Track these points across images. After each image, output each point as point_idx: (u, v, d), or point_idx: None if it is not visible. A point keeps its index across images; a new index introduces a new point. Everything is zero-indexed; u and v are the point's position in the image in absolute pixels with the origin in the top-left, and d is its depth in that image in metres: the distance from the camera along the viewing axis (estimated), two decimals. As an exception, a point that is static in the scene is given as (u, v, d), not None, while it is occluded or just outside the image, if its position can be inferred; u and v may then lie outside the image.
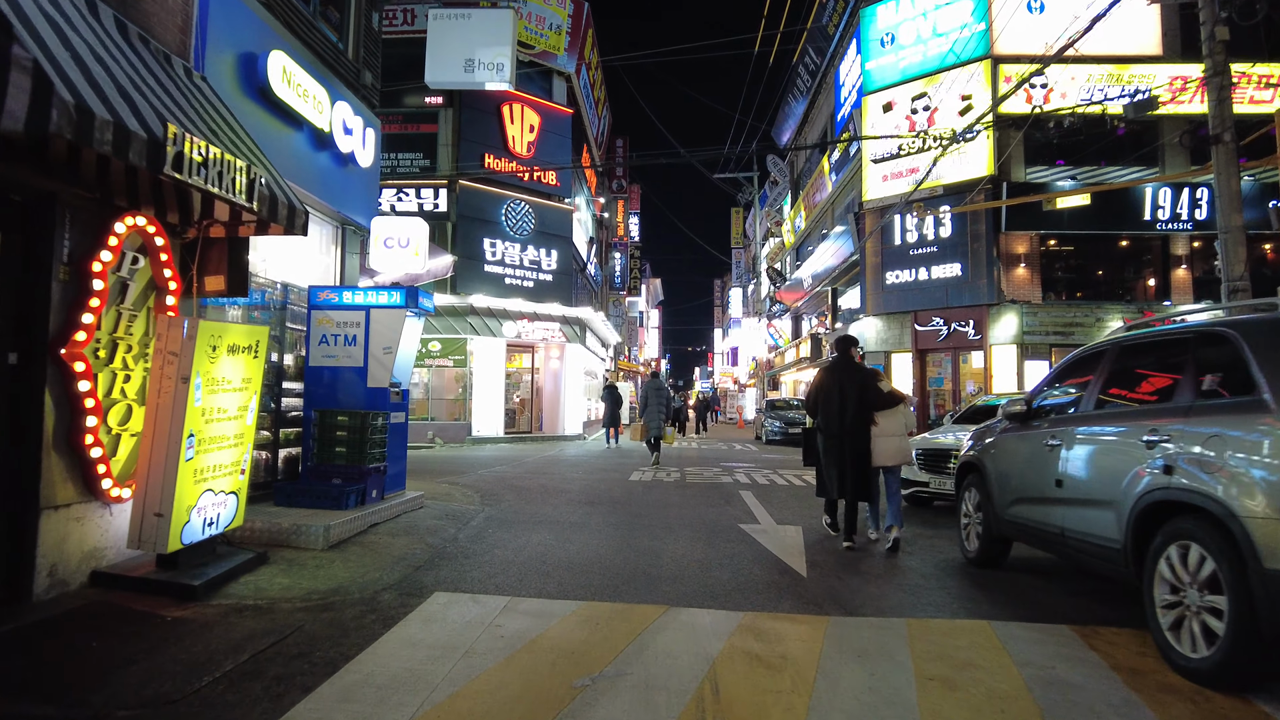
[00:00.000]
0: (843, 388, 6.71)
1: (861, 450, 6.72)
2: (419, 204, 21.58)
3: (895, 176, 22.10)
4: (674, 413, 22.41)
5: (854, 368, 6.92)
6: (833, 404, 6.75)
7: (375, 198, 8.75)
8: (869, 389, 6.77)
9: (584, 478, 12.28)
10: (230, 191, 4.40)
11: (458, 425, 20.95)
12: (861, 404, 6.70)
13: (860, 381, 6.78)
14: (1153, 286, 20.53)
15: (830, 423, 6.79)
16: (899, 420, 7.00)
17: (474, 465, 14.40)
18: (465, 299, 21.01)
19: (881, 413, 6.87)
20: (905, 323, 22.00)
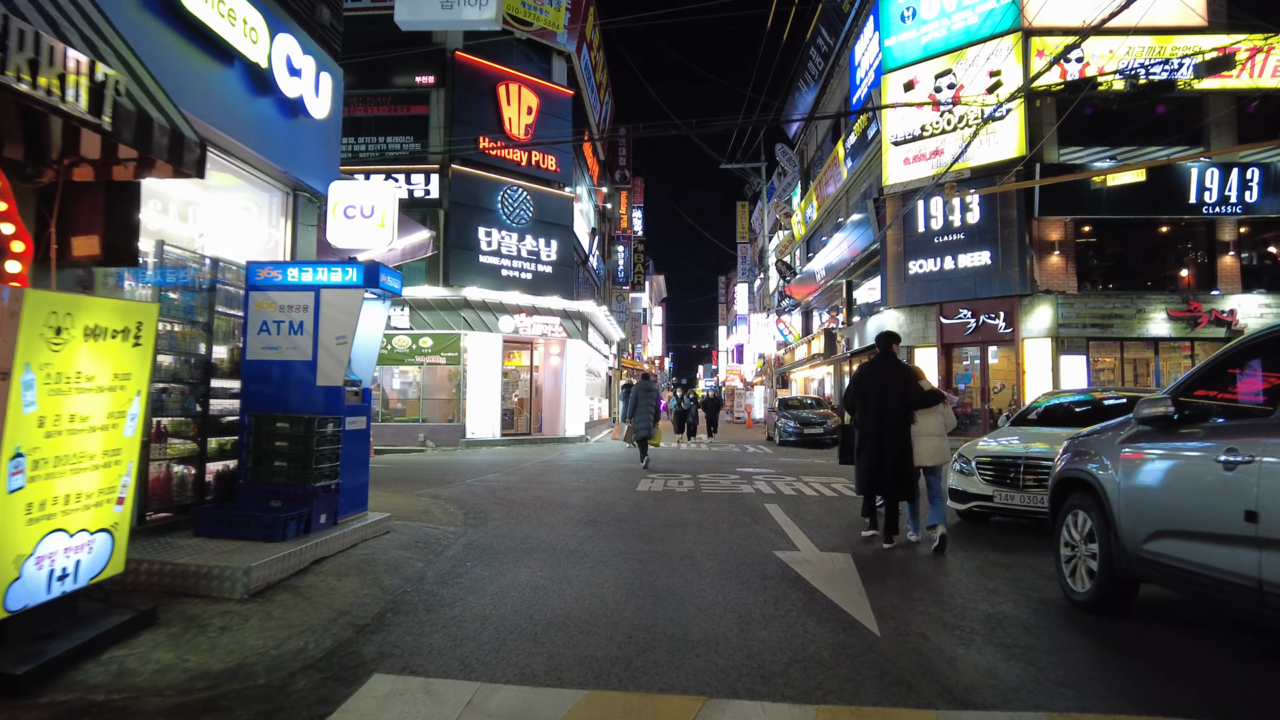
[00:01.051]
0: (883, 385, 6.61)
1: (902, 449, 6.58)
2: (409, 190, 20.22)
3: (918, 159, 20.69)
4: (682, 414, 21.44)
5: (895, 365, 6.79)
6: (872, 401, 6.65)
7: (334, 158, 7.35)
8: (910, 387, 6.62)
9: (585, 487, 10.88)
10: (66, 97, 3.00)
11: (451, 427, 19.56)
12: (902, 402, 6.57)
13: (901, 379, 6.65)
14: (1194, 275, 19.08)
15: (869, 420, 6.69)
16: (938, 420, 6.77)
17: (464, 472, 13.01)
18: (458, 292, 19.62)
19: (921, 412, 6.68)
20: (929, 315, 20.57)
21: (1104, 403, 9.10)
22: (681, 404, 22.58)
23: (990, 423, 18.85)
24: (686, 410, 22.43)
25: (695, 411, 23.04)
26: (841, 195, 27.41)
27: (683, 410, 22.24)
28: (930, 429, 6.73)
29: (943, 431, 6.81)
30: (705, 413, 24.51)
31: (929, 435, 6.72)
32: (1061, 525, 5.28)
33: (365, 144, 20.69)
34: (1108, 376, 19.00)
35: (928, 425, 6.73)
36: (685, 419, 22.34)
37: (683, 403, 22.64)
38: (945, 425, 6.85)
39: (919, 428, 6.69)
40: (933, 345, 20.46)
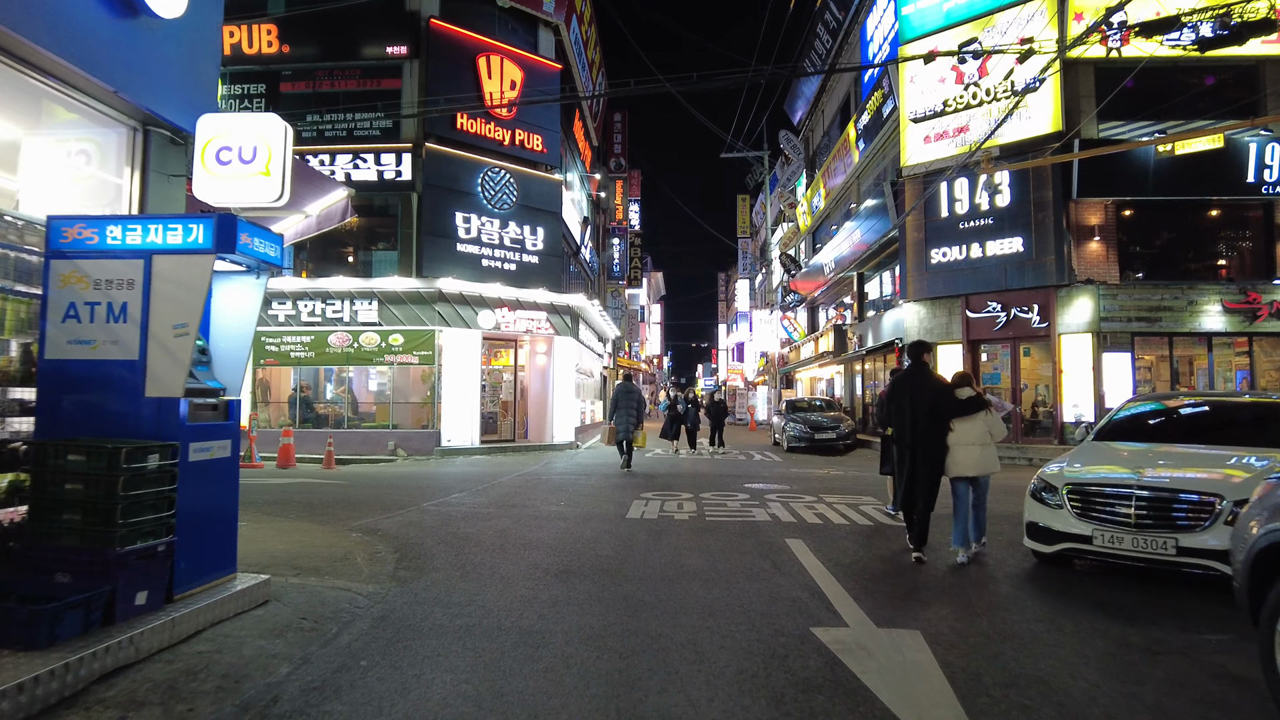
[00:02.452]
0: (914, 396, 6.51)
1: (932, 460, 6.44)
2: (378, 171, 18.32)
3: (940, 138, 18.80)
4: (677, 418, 18.62)
5: (926, 375, 6.68)
6: (904, 413, 6.54)
7: (205, 80, 5.38)
8: (942, 397, 6.51)
9: (565, 513, 8.97)
10: None
11: (425, 434, 17.65)
12: (933, 413, 6.44)
13: (932, 389, 6.53)
14: (1252, 262, 17.18)
15: (902, 433, 6.57)
16: (979, 428, 6.48)
17: (426, 490, 11.10)
18: (432, 283, 17.70)
19: (959, 420, 6.47)
20: (954, 309, 18.67)
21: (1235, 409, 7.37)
22: (675, 406, 19.13)
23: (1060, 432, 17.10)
24: (683, 414, 19.18)
25: (694, 415, 19.80)
26: (852, 181, 25.49)
27: (677, 413, 18.74)
28: (969, 438, 6.44)
29: (986, 440, 6.48)
30: (709, 418, 20.68)
31: (968, 444, 6.43)
32: (1269, 616, 3.39)
33: (332, 122, 18.76)
34: (1163, 375, 17.11)
35: (967, 434, 6.45)
36: (681, 423, 19.04)
37: (677, 404, 19.29)
38: (991, 434, 6.51)
39: (956, 436, 6.46)
40: (957, 342, 18.56)
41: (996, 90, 17.79)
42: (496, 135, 19.42)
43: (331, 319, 17.96)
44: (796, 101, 35.34)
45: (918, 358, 6.80)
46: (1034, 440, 17.34)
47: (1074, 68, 16.97)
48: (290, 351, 18.03)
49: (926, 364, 6.77)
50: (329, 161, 18.38)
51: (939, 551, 6.87)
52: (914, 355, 6.84)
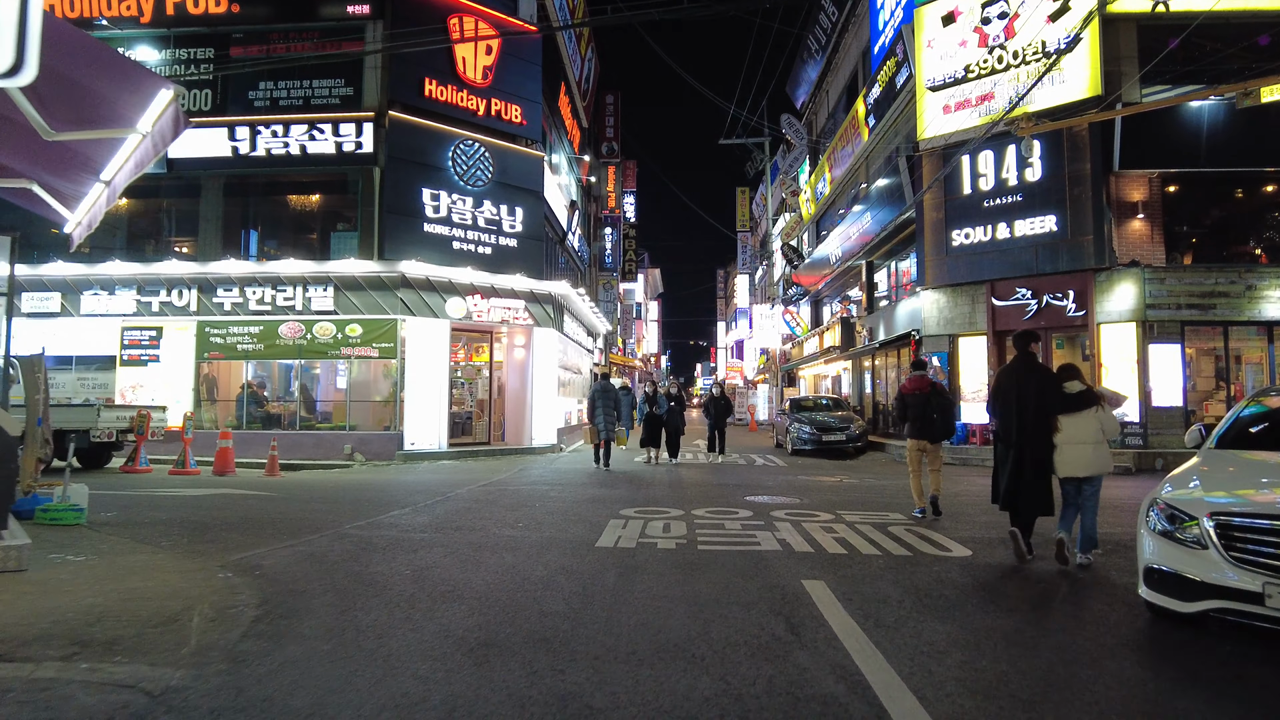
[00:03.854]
0: (1020, 390, 6.13)
1: (1039, 459, 6.05)
2: (337, 143, 16.49)
3: (961, 106, 16.90)
4: (654, 421, 15.27)
5: (1033, 367, 6.27)
6: (1010, 408, 6.18)
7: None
8: (1048, 391, 6.07)
9: (518, 541, 7.08)
10: None
11: (385, 436, 15.76)
12: (1040, 408, 6.03)
13: (1039, 383, 6.12)
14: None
15: (1008, 430, 6.21)
16: (1090, 425, 5.97)
17: (361, 506, 9.19)
18: (394, 266, 15.81)
19: (1067, 417, 6.00)
20: (977, 297, 16.79)
21: None
22: (653, 406, 15.19)
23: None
24: (661, 415, 15.24)
25: (677, 415, 15.41)
26: (860, 163, 23.59)
27: (655, 415, 15.17)
28: (1079, 435, 6.01)
29: (1098, 439, 6.02)
30: (709, 418, 17.43)
31: (1078, 443, 6.00)
32: None
33: (287, 89, 16.88)
34: (1206, 370, 15.24)
35: (1077, 432, 6.01)
36: (659, 425, 15.32)
37: (654, 405, 15.21)
38: (1104, 431, 6.03)
39: (1065, 435, 6.04)
40: (981, 333, 16.68)
41: (1025, 52, 15.91)
42: (470, 104, 17.53)
43: (283, 307, 16.06)
44: (799, 86, 33.44)
45: (1024, 348, 6.37)
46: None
47: (1114, 25, 15.14)
48: (237, 344, 16.13)
49: (1034, 355, 6.33)
50: (282, 132, 16.50)
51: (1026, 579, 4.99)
52: (1020, 345, 6.41)
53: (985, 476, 14.21)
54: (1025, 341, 6.47)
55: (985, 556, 6.48)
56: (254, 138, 16.54)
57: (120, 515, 8.23)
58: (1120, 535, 7.39)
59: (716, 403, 17.54)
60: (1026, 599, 5.12)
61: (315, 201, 17.49)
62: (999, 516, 8.78)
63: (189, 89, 17.01)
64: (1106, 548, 6.70)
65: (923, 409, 8.58)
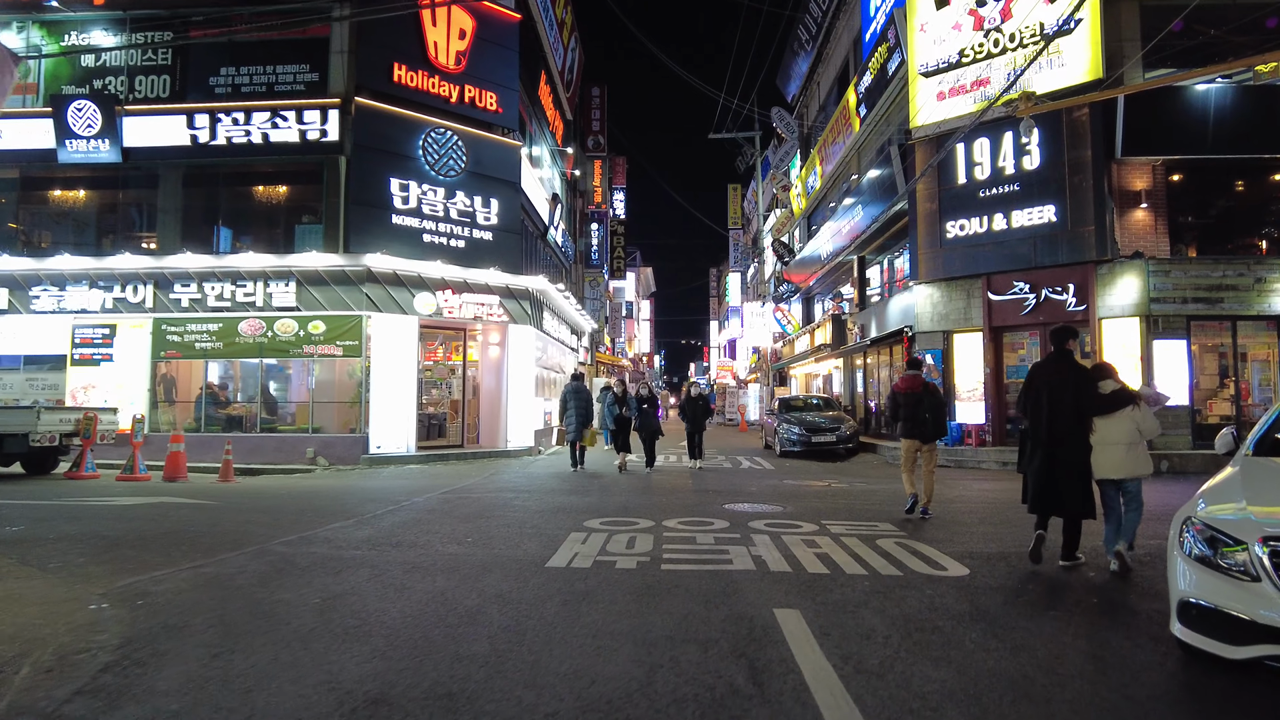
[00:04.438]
0: (1052, 388, 5.84)
1: (1076, 460, 5.75)
2: (301, 131, 15.66)
3: (956, 92, 16.19)
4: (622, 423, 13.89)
5: (1067, 365, 5.92)
6: (1041, 407, 5.86)
7: None
8: (1083, 390, 5.78)
9: (458, 560, 6.30)
10: None
11: (350, 439, 14.95)
12: (1075, 408, 5.73)
13: (1074, 381, 5.80)
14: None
15: (1038, 428, 5.89)
16: (1123, 426, 5.69)
17: (303, 517, 8.39)
18: (358, 260, 15.00)
19: (1102, 418, 5.72)
20: (973, 291, 16.06)
21: None
22: (622, 408, 13.79)
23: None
24: (630, 417, 13.87)
25: (652, 418, 13.87)
26: (852, 155, 22.85)
27: (624, 418, 13.80)
28: (1114, 436, 5.71)
29: (1134, 439, 5.71)
30: (686, 420, 15.38)
31: (1113, 444, 5.71)
32: None
33: (249, 75, 16.06)
34: (1209, 368, 14.52)
35: (1111, 432, 5.72)
36: (628, 427, 13.94)
37: (623, 406, 13.80)
38: (1141, 432, 5.70)
39: (1100, 435, 5.75)
40: (977, 329, 15.94)
41: (1023, 35, 15.19)
42: (442, 90, 16.73)
43: (243, 303, 15.24)
44: (790, 80, 32.75)
45: (1060, 344, 6.04)
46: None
47: (1116, 6, 14.44)
48: (195, 342, 15.31)
49: (1069, 352, 6.00)
50: (243, 120, 15.68)
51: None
52: (1056, 341, 6.08)
53: (982, 480, 13.58)
54: (1062, 337, 6.09)
55: (985, 576, 5.72)
56: (214, 126, 15.70)
57: (26, 530, 7.41)
58: (1138, 548, 6.64)
59: (694, 403, 15.18)
60: (1036, 633, 4.36)
61: (279, 193, 16.67)
62: (999, 528, 8.07)
63: (146, 75, 16.20)
64: (1121, 571, 5.96)
65: (915, 409, 8.38)
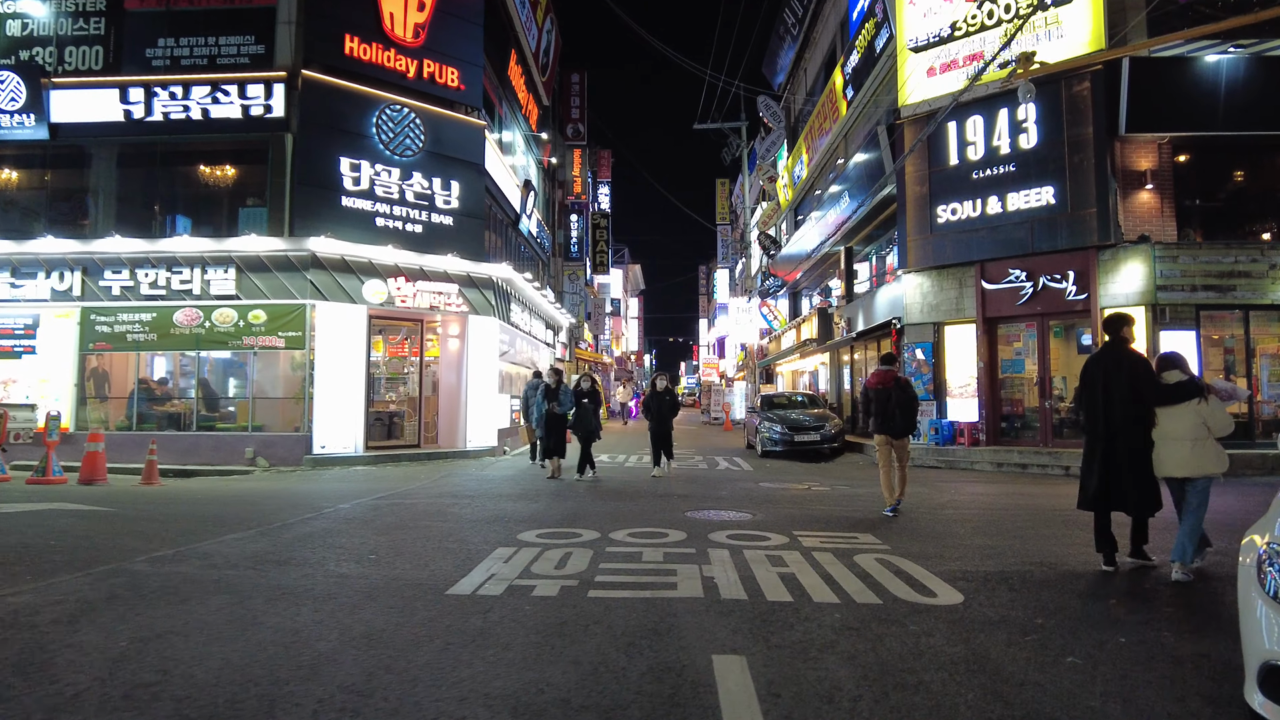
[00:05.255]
0: (1107, 378, 5.56)
1: (1135, 451, 5.40)
2: (244, 106, 14.51)
3: (948, 68, 15.16)
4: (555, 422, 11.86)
5: (1123, 354, 5.65)
6: (1096, 398, 5.61)
7: None
8: (1140, 379, 5.47)
9: (341, 585, 5.20)
10: None
11: (294, 439, 13.81)
12: (1131, 398, 5.45)
13: (1131, 370, 5.51)
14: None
15: (1095, 421, 5.62)
16: (1188, 420, 5.22)
17: (203, 526, 7.24)
18: (301, 244, 13.86)
19: (1163, 410, 5.33)
20: (965, 280, 15.02)
21: None
22: (552, 404, 11.67)
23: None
24: (563, 415, 11.82)
25: (590, 416, 11.75)
26: (839, 141, 21.81)
27: (555, 416, 11.73)
28: (1176, 430, 5.27)
29: (1199, 435, 5.19)
30: (652, 421, 12.26)
31: (1174, 439, 5.27)
32: None
33: (189, 46, 14.88)
34: (1214, 363, 13.52)
35: (1174, 426, 5.28)
36: (561, 427, 11.94)
37: (554, 402, 11.66)
38: (1210, 428, 5.18)
39: (1160, 430, 5.36)
40: (970, 321, 14.90)
41: (1018, 4, 14.16)
42: (398, 65, 15.59)
43: (179, 291, 14.08)
44: (777, 67, 31.70)
45: (1115, 332, 5.78)
46: (1068, 443, 13.71)
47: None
48: (126, 333, 14.13)
49: (1126, 340, 5.75)
50: (181, 94, 14.51)
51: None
52: (1111, 330, 5.83)
53: (975, 483, 12.53)
54: (1117, 326, 5.78)
55: (984, 604, 4.65)
56: (150, 100, 14.53)
57: None
58: (1167, 573, 5.59)
59: (660, 399, 12.30)
60: (1052, 690, 3.28)
61: (222, 174, 15.47)
62: (996, 540, 7.01)
63: (76, 45, 15.01)
64: (1152, 590, 4.91)
65: (885, 404, 8.26)
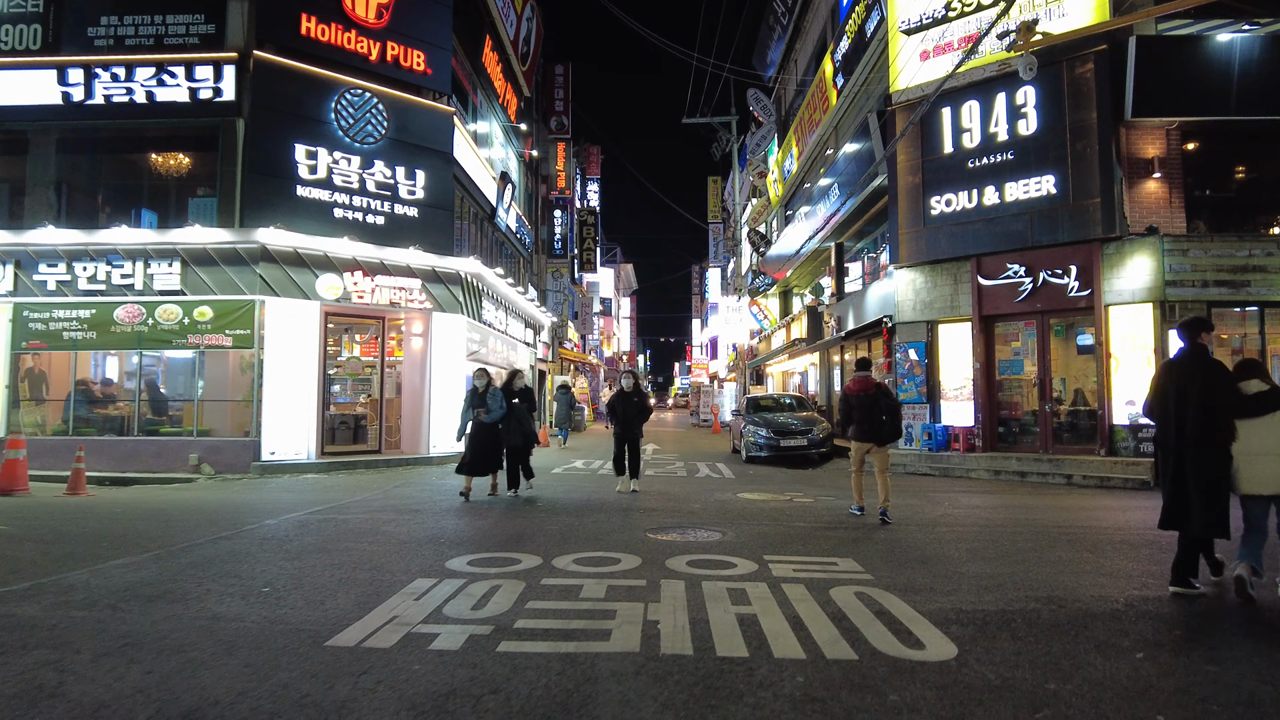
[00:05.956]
0: (1181, 387, 5.06)
1: (1207, 467, 4.89)
2: (191, 89, 13.58)
3: (942, 51, 14.31)
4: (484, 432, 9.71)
5: (1199, 361, 5.14)
6: (1169, 408, 5.13)
7: None
8: (1217, 389, 4.99)
9: (208, 628, 4.29)
10: None
11: (242, 444, 12.88)
12: (1206, 408, 4.92)
13: (1206, 379, 5.01)
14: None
15: (1166, 433, 5.17)
16: (1275, 432, 4.79)
17: (96, 546, 6.32)
18: (250, 235, 12.94)
19: (1245, 422, 4.89)
20: (960, 275, 14.17)
21: None
22: (479, 410, 9.62)
23: None
24: (493, 423, 9.67)
25: (523, 422, 9.96)
26: (830, 131, 20.95)
27: (482, 425, 9.64)
28: (1263, 445, 4.81)
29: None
30: (617, 425, 10.47)
31: (1262, 454, 4.81)
32: None
33: (134, 25, 13.94)
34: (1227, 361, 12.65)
35: (1258, 440, 4.83)
36: (493, 438, 9.76)
37: (481, 408, 9.62)
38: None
39: (1242, 444, 4.87)
40: (965, 319, 14.04)
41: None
42: (360, 47, 14.68)
43: (119, 286, 13.14)
44: (767, 60, 30.84)
45: (1193, 338, 5.23)
46: (1069, 450, 12.86)
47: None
48: (62, 330, 13.18)
49: (1204, 347, 5.20)
50: (124, 76, 13.59)
51: None
52: (1187, 335, 5.27)
53: (972, 493, 11.61)
54: (1194, 330, 5.25)
55: (981, 661, 3.77)
56: (90, 82, 13.60)
57: None
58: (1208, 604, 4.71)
59: (627, 400, 10.46)
60: None
61: (170, 162, 14.54)
62: (995, 565, 6.15)
63: (13, 24, 14.06)
64: (1190, 637, 4.03)
65: (869, 410, 8.12)
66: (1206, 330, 5.29)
